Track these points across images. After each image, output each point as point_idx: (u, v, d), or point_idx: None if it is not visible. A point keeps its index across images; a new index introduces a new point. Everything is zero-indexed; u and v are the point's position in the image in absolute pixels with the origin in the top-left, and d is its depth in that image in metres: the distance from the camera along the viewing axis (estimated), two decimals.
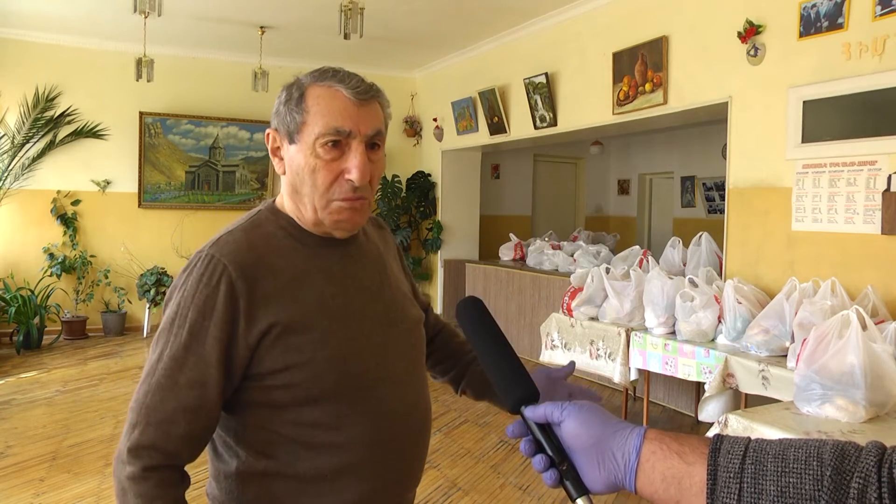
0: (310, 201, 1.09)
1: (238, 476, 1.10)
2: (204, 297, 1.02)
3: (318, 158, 1.06)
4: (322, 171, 1.06)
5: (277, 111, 1.11)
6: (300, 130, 1.07)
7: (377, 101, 1.11)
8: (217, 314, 1.01)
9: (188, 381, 1.00)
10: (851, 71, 3.69)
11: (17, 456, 3.90)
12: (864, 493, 0.59)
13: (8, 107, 6.96)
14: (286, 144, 1.10)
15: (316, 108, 1.06)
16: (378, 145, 1.11)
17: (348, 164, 1.06)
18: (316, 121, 1.06)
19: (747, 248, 4.33)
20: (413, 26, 6.67)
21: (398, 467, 1.14)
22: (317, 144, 1.06)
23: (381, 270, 1.22)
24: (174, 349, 1.01)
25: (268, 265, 1.07)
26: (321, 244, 1.14)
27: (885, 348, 2.40)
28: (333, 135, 1.05)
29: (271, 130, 1.13)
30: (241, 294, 1.03)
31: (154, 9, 5.01)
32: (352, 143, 1.07)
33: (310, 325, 1.06)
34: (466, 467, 3.88)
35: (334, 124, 1.05)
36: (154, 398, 1.00)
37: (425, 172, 8.65)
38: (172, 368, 1.01)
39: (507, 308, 6.71)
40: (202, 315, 1.02)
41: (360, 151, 1.07)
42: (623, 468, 0.71)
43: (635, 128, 6.60)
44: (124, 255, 7.53)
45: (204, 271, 1.03)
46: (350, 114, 1.06)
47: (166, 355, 1.01)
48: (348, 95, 1.07)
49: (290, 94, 1.09)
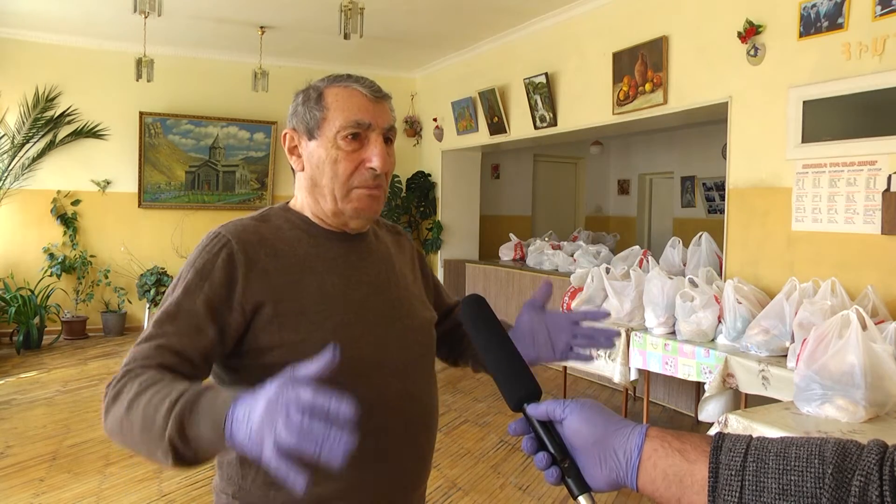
0: (329, 192, 1.15)
1: (237, 462, 1.11)
2: (203, 261, 1.08)
3: (340, 150, 1.13)
4: (343, 161, 1.13)
5: (295, 112, 1.19)
6: (320, 126, 1.15)
7: (388, 102, 1.20)
8: (213, 277, 1.07)
9: (175, 329, 1.03)
10: (851, 71, 3.69)
11: (17, 456, 3.90)
12: (866, 491, 0.59)
13: (8, 107, 6.96)
14: (305, 141, 1.17)
15: (336, 105, 1.14)
16: (391, 140, 1.19)
17: (369, 153, 1.14)
18: (336, 115, 1.14)
19: (747, 248, 4.34)
20: (413, 26, 6.67)
21: (395, 462, 1.15)
22: (338, 137, 1.13)
23: (389, 269, 1.25)
24: (167, 306, 1.06)
25: (270, 246, 1.13)
26: (328, 237, 1.19)
27: (885, 348, 2.40)
28: (354, 127, 1.13)
29: (289, 130, 1.20)
30: (240, 264, 1.08)
31: (154, 9, 5.02)
32: (370, 135, 1.15)
33: (306, 308, 1.10)
34: (466, 467, 3.88)
35: (354, 118, 1.13)
36: (141, 347, 1.02)
37: (425, 172, 8.65)
38: (163, 321, 1.04)
39: (507, 308, 6.71)
40: (199, 277, 1.07)
41: (379, 142, 1.14)
42: (625, 466, 0.71)
43: (635, 128, 6.60)
44: (124, 255, 7.53)
45: (208, 243, 1.11)
46: (368, 108, 1.14)
47: (160, 310, 1.06)
48: (365, 92, 1.15)
49: (308, 96, 1.17)
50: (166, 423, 0.84)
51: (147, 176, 7.60)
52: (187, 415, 0.84)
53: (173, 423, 0.84)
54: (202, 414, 0.83)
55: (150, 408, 0.88)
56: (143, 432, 0.88)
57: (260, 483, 1.10)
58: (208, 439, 0.82)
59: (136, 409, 0.89)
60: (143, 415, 0.88)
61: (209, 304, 1.05)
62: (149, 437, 0.87)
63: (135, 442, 0.91)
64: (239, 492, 1.11)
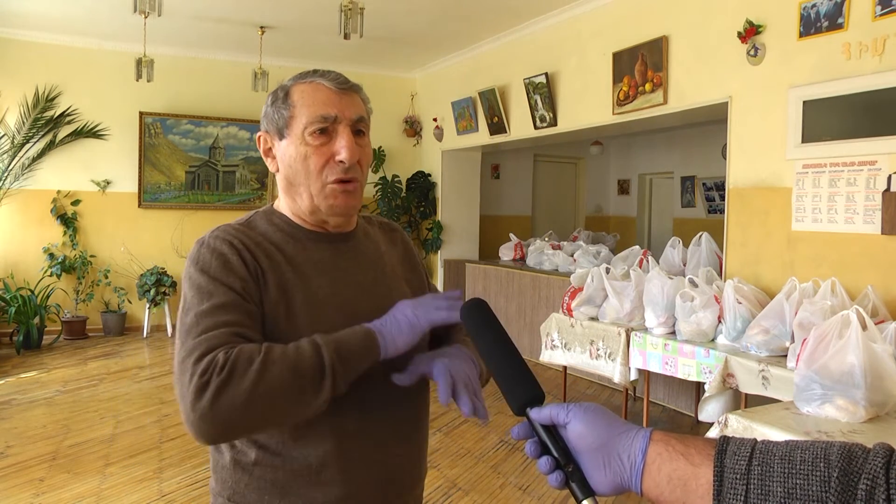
0: (305, 189, 1.15)
1: (232, 466, 1.12)
2: (221, 260, 1.07)
3: (308, 146, 1.13)
4: (313, 156, 1.13)
5: (265, 114, 1.20)
6: (288, 125, 1.15)
7: (357, 93, 1.19)
8: (235, 268, 1.07)
9: (233, 319, 1.02)
10: (851, 71, 3.70)
11: (17, 456, 3.90)
12: (872, 494, 0.59)
13: (8, 107, 6.96)
14: (276, 142, 1.18)
15: (301, 102, 1.14)
16: (363, 132, 1.18)
17: (337, 146, 1.13)
18: (302, 112, 1.14)
19: (747, 248, 4.34)
20: (413, 26, 6.67)
21: (385, 464, 1.15)
22: (305, 133, 1.13)
23: (379, 269, 1.24)
24: (209, 302, 1.03)
25: (263, 248, 1.13)
26: (313, 238, 1.19)
27: (885, 348, 2.41)
28: (320, 122, 1.13)
29: (262, 133, 1.21)
30: (247, 259, 1.09)
31: (154, 9, 5.01)
32: (338, 127, 1.14)
33: (294, 313, 1.09)
34: (466, 467, 3.88)
35: (320, 112, 1.13)
36: (187, 342, 1.00)
37: (425, 172, 8.65)
38: (212, 315, 1.02)
39: (507, 308, 6.71)
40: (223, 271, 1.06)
41: (346, 134, 1.14)
42: (629, 470, 0.71)
43: (635, 128, 6.61)
44: (124, 255, 7.53)
45: (210, 245, 1.10)
46: (333, 101, 1.14)
47: (198, 312, 1.02)
48: (329, 86, 1.15)
49: (276, 96, 1.18)
50: (320, 357, 0.98)
51: (147, 176, 7.59)
52: (337, 342, 1.01)
53: (328, 351, 0.99)
54: (347, 337, 1.03)
55: (288, 360, 0.97)
56: (295, 378, 0.96)
57: (254, 487, 1.10)
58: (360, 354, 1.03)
59: (273, 368, 0.95)
60: (287, 367, 0.96)
61: (246, 290, 1.06)
62: (301, 381, 0.96)
63: (279, 395, 0.95)
64: (234, 495, 1.12)
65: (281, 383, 0.95)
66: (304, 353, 0.98)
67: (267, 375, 0.94)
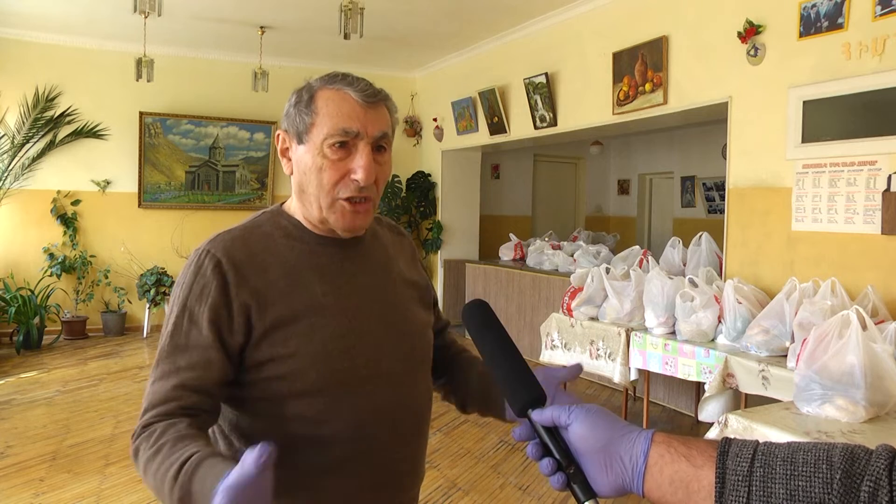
0: (315, 200, 1.12)
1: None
2: (200, 287, 1.07)
3: (325, 158, 1.09)
4: (328, 170, 1.09)
5: (287, 113, 1.14)
6: (309, 131, 1.10)
7: (385, 104, 1.14)
8: (211, 301, 1.06)
9: (188, 363, 1.04)
10: (851, 71, 3.70)
11: (17, 456, 3.90)
12: (875, 496, 0.59)
13: (8, 107, 6.95)
14: (295, 145, 1.14)
15: (325, 110, 1.09)
16: (384, 148, 1.13)
17: (354, 164, 1.09)
18: (324, 122, 1.09)
19: (747, 248, 4.34)
20: (413, 26, 6.67)
21: (384, 467, 1.14)
22: (324, 145, 1.09)
23: (386, 273, 1.22)
24: (176, 338, 1.06)
25: (259, 262, 1.11)
26: (320, 242, 1.16)
27: (885, 348, 2.41)
28: (341, 135, 1.08)
29: (281, 132, 1.16)
30: (232, 284, 1.07)
31: (154, 9, 5.01)
32: (358, 143, 1.09)
33: (297, 320, 1.08)
34: (466, 467, 3.88)
35: (342, 125, 1.08)
36: (159, 386, 1.04)
37: (425, 172, 8.65)
38: (174, 354, 1.05)
39: (507, 308, 6.71)
40: (198, 302, 1.07)
41: (366, 153, 1.09)
42: (631, 472, 0.71)
43: (635, 128, 6.61)
44: (124, 255, 7.53)
45: (200, 264, 1.09)
46: (358, 115, 1.09)
47: (167, 344, 1.06)
48: (356, 98, 1.09)
49: (301, 97, 1.13)
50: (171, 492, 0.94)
51: (147, 176, 7.59)
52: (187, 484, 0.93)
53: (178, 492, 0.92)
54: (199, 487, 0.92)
55: (158, 475, 0.95)
56: (158, 494, 0.97)
57: None
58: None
59: (149, 472, 0.97)
60: (155, 480, 0.96)
61: (214, 329, 1.05)
62: (163, 497, 0.96)
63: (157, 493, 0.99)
64: None
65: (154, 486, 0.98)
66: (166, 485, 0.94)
67: (147, 478, 0.98)
